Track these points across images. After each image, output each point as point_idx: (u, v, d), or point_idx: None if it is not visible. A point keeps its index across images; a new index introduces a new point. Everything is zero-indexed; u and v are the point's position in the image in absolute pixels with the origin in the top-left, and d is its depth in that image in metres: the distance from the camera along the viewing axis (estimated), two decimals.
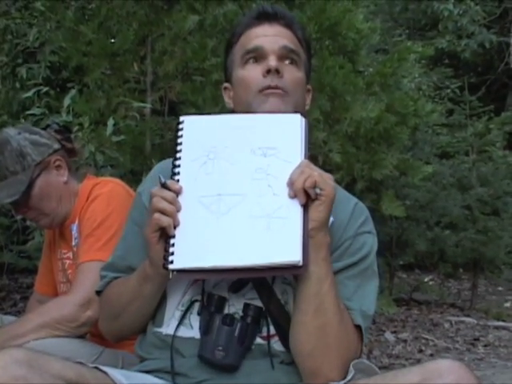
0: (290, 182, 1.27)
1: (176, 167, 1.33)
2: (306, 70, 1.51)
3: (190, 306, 1.39)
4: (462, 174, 5.97)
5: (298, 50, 1.49)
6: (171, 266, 1.25)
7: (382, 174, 3.66)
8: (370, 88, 3.71)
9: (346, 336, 1.32)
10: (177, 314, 1.40)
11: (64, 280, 2.08)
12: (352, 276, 1.40)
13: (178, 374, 1.36)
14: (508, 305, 6.19)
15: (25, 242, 3.70)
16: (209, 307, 1.36)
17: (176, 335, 1.38)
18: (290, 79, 1.44)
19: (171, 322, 1.40)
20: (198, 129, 1.37)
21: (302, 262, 1.22)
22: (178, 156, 1.34)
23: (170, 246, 1.26)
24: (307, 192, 1.25)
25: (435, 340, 4.57)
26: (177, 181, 1.31)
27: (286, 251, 1.23)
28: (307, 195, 1.26)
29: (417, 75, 5.61)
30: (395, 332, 4.70)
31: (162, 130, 3.54)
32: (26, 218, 2.74)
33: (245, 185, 1.29)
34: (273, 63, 1.42)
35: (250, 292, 1.38)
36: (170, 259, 1.25)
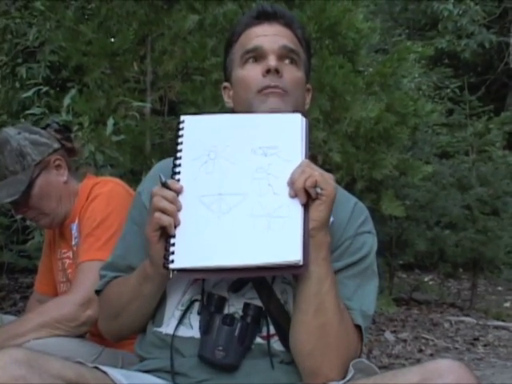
0: (290, 181, 1.27)
1: (176, 166, 1.33)
2: (306, 69, 1.51)
3: (189, 305, 1.39)
4: (461, 174, 5.97)
5: (298, 49, 1.49)
6: (172, 266, 1.25)
7: (381, 174, 3.66)
8: (369, 88, 3.71)
9: (346, 336, 1.32)
10: (176, 313, 1.40)
11: (64, 279, 2.08)
12: (352, 276, 1.40)
13: (178, 373, 1.36)
14: (507, 305, 6.19)
15: (25, 242, 3.70)
16: (209, 307, 1.36)
17: (176, 335, 1.38)
18: (290, 79, 1.44)
19: (171, 322, 1.40)
20: (199, 128, 1.37)
21: (302, 262, 1.22)
22: (178, 155, 1.34)
23: (171, 246, 1.26)
24: (308, 191, 1.25)
25: (435, 340, 4.57)
26: (177, 180, 1.31)
27: (286, 251, 1.23)
28: (308, 195, 1.26)
29: (417, 75, 5.61)
30: (395, 332, 4.70)
31: (161, 129, 3.54)
32: (25, 218, 2.74)
33: (245, 184, 1.29)
34: (272, 63, 1.42)
35: (249, 292, 1.38)
36: (171, 259, 1.25)
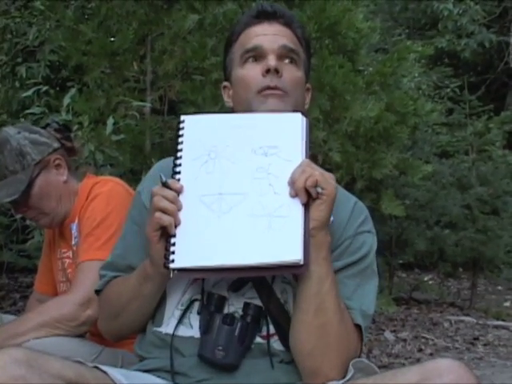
0: (291, 181, 1.27)
1: (177, 166, 1.33)
2: (306, 68, 1.51)
3: (189, 305, 1.39)
4: (461, 174, 5.97)
5: (298, 48, 1.49)
6: (172, 265, 1.25)
7: (381, 174, 3.66)
8: (369, 87, 3.71)
9: (346, 335, 1.32)
10: (176, 313, 1.40)
11: (64, 279, 2.08)
12: (352, 275, 1.40)
13: (178, 373, 1.36)
14: (507, 304, 6.19)
15: (24, 241, 3.70)
16: (208, 306, 1.36)
17: (175, 334, 1.38)
18: (290, 79, 1.44)
19: (171, 321, 1.40)
20: (199, 128, 1.36)
21: (302, 261, 1.22)
22: (178, 155, 1.33)
23: (171, 245, 1.26)
24: (308, 191, 1.25)
25: (435, 339, 4.57)
26: (178, 180, 1.31)
27: (286, 250, 1.23)
28: (308, 194, 1.26)
29: (416, 74, 5.60)
30: (395, 331, 4.70)
31: (161, 129, 3.54)
32: (25, 217, 2.73)
33: (246, 184, 1.29)
34: (272, 63, 1.42)
35: (249, 291, 1.38)
36: (171, 258, 1.25)
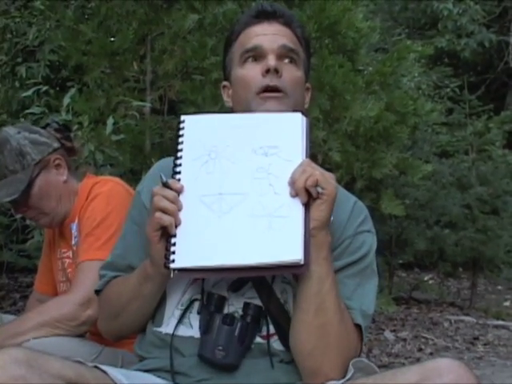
0: (291, 180, 1.27)
1: (177, 166, 1.33)
2: (305, 68, 1.51)
3: (189, 305, 1.39)
4: (461, 173, 5.97)
5: (297, 48, 1.49)
6: (172, 265, 1.25)
7: (381, 173, 3.66)
8: (369, 87, 3.70)
9: (347, 335, 1.32)
10: (176, 313, 1.40)
11: (64, 279, 2.08)
12: (351, 275, 1.40)
13: (178, 373, 1.36)
14: (507, 304, 6.19)
15: (24, 241, 3.69)
16: (208, 306, 1.36)
17: (175, 334, 1.38)
18: (289, 78, 1.44)
19: (171, 321, 1.40)
20: (199, 128, 1.36)
21: (303, 261, 1.22)
22: (179, 155, 1.33)
23: (172, 245, 1.26)
24: (309, 191, 1.25)
25: (435, 339, 4.57)
26: (178, 180, 1.31)
27: (287, 250, 1.23)
28: (309, 194, 1.26)
29: (416, 74, 5.60)
30: (395, 331, 4.70)
31: (161, 128, 3.54)
32: (25, 217, 2.73)
33: (246, 184, 1.29)
34: (272, 63, 1.42)
35: (249, 291, 1.38)
36: (172, 258, 1.25)
